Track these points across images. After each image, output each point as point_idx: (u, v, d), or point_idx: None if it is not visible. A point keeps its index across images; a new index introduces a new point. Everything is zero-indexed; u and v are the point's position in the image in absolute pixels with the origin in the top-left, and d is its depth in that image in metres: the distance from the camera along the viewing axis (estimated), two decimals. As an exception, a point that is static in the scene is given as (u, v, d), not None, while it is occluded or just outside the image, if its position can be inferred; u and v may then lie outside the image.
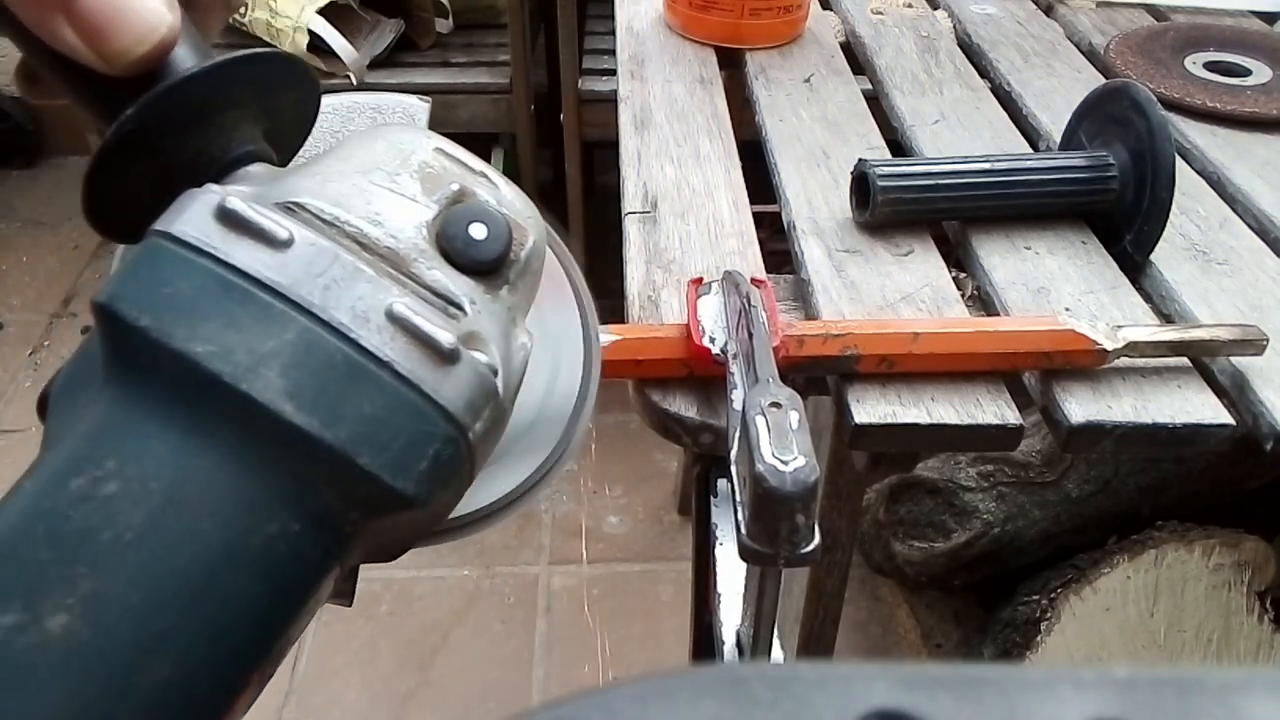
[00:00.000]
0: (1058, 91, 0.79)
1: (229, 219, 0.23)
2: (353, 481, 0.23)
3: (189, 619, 0.22)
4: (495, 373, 0.26)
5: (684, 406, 0.48)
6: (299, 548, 0.23)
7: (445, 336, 0.24)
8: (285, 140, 0.30)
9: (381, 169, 0.27)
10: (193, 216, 0.23)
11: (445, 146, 0.29)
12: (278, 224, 0.24)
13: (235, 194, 0.23)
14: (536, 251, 0.29)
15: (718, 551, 0.49)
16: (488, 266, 0.26)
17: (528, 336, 0.28)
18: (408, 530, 0.27)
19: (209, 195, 0.24)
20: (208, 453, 0.22)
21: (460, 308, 0.26)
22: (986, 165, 0.61)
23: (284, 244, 0.24)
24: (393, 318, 0.24)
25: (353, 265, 0.24)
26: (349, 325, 0.23)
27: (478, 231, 0.26)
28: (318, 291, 0.23)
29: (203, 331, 0.22)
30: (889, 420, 0.48)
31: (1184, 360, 0.51)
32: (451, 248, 0.26)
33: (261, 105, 0.28)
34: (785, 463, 0.33)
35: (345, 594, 0.29)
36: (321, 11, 1.35)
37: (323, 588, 0.25)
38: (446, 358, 0.24)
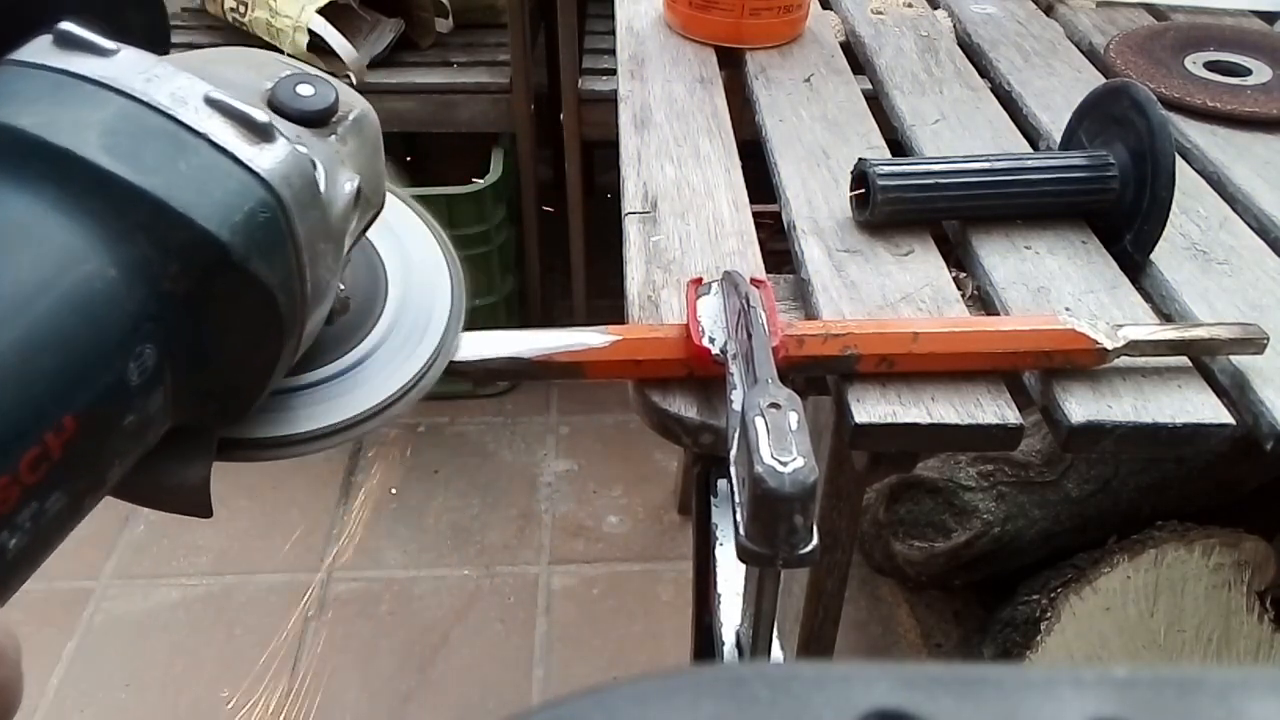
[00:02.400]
0: (1058, 91, 0.79)
1: (64, 40, 0.27)
2: (166, 224, 0.26)
3: (4, 331, 0.24)
4: (315, 165, 0.30)
5: (684, 407, 0.48)
6: (114, 291, 0.26)
7: (258, 114, 0.28)
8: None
9: (223, 61, 0.32)
10: (35, 45, 0.27)
11: (284, 59, 0.34)
12: (105, 40, 0.27)
13: (71, 20, 0.27)
14: (368, 121, 0.34)
15: (718, 551, 0.49)
16: (313, 117, 0.31)
17: (355, 183, 0.33)
18: (246, 331, 0.29)
19: (50, 31, 0.28)
20: (30, 202, 0.25)
21: (286, 137, 0.30)
22: (986, 165, 0.61)
23: (111, 53, 0.27)
24: (210, 101, 0.28)
25: (173, 69, 0.28)
26: (167, 105, 0.27)
27: (304, 90, 0.31)
28: (139, 82, 0.27)
29: (30, 110, 0.26)
30: (889, 420, 0.48)
31: (1184, 360, 0.51)
32: (280, 102, 0.31)
33: (110, 20, 0.34)
34: (784, 464, 0.33)
35: (201, 502, 0.32)
36: (321, 11, 1.34)
37: (150, 390, 0.27)
38: (261, 133, 0.28)
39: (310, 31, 1.34)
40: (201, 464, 0.32)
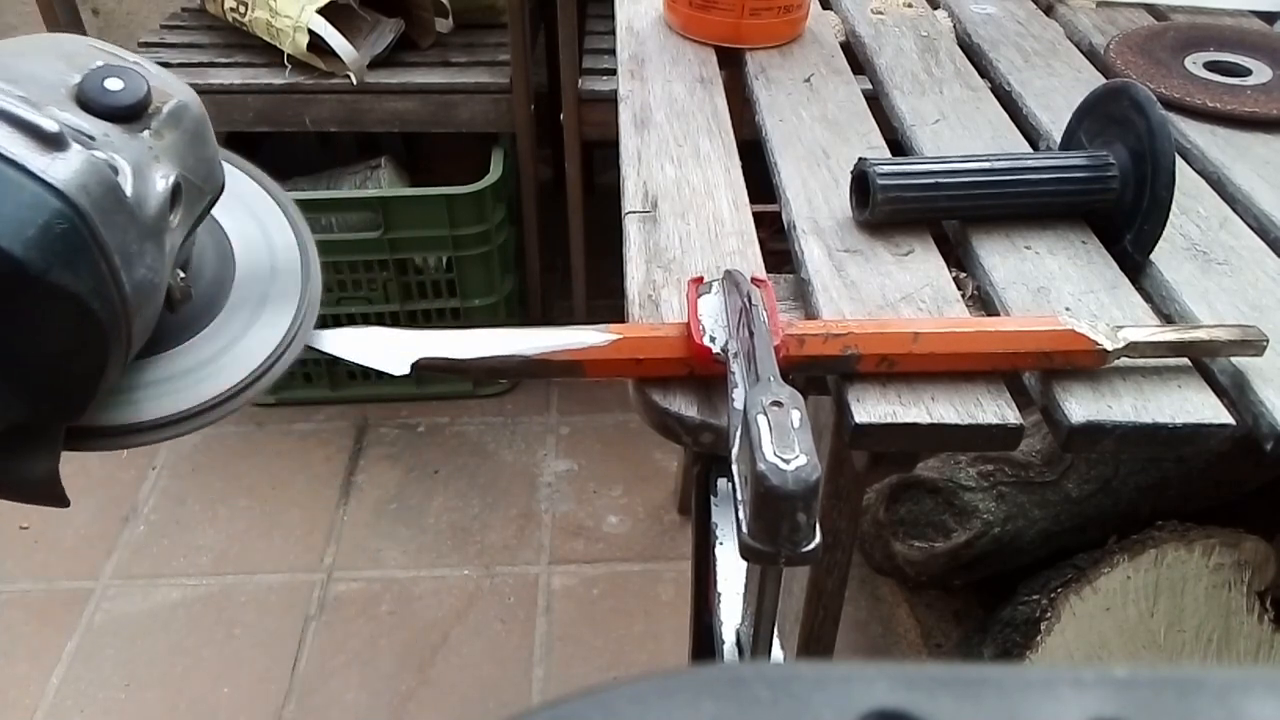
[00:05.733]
0: (1058, 91, 0.79)
1: None
2: None
3: None
4: (116, 171, 0.29)
5: (684, 406, 0.48)
6: None
7: (48, 123, 0.28)
8: None
9: (29, 53, 0.31)
10: None
11: (99, 44, 0.33)
12: None
13: None
14: (187, 112, 0.33)
15: (718, 551, 0.49)
16: (123, 112, 0.31)
17: (170, 179, 0.32)
18: (64, 337, 0.29)
19: None
20: None
21: (90, 137, 0.29)
22: (986, 165, 0.61)
23: None
24: None
25: None
26: None
27: (113, 84, 0.31)
28: None
29: None
30: (889, 420, 0.48)
31: (1184, 360, 0.51)
32: (87, 98, 0.30)
33: None
34: (787, 461, 0.33)
35: (53, 494, 0.33)
36: (321, 11, 1.34)
37: None
38: (54, 143, 0.28)
39: (310, 31, 1.34)
40: (48, 458, 0.32)
